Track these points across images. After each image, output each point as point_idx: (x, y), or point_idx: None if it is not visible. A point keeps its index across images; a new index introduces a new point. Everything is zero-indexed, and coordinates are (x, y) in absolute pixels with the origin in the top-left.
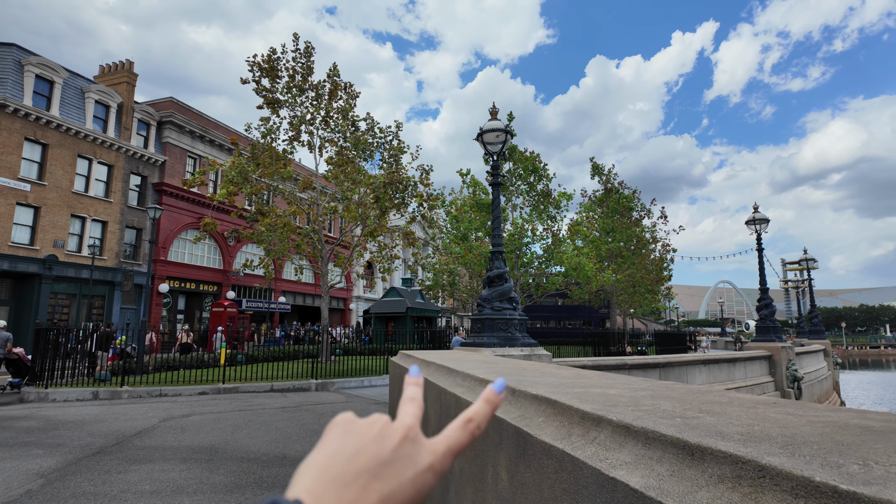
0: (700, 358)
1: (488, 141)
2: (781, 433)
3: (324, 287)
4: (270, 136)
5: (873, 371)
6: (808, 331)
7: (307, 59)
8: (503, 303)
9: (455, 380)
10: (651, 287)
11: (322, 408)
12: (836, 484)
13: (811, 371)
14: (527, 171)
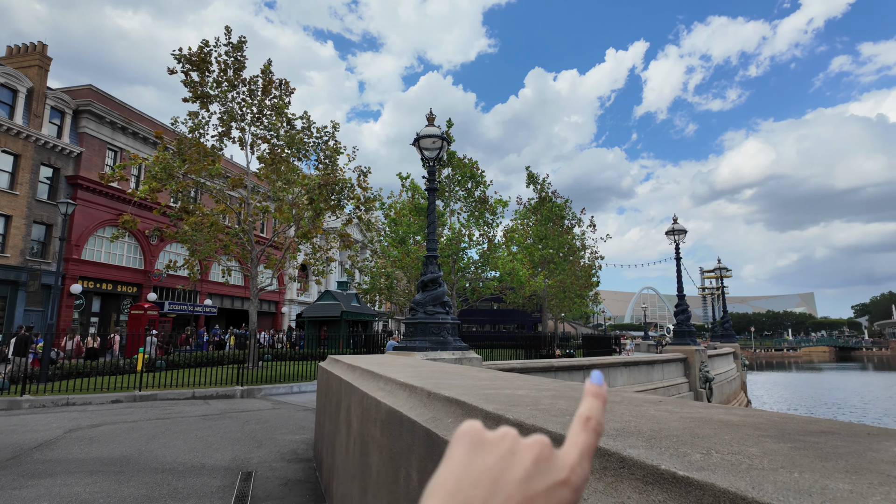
0: (622, 360)
1: (425, 147)
2: (651, 428)
3: (253, 289)
4: (199, 131)
5: (777, 372)
6: (721, 335)
7: (239, 53)
8: (436, 307)
9: (377, 384)
10: (580, 292)
11: (247, 415)
12: (675, 470)
13: (722, 372)
14: (465, 178)
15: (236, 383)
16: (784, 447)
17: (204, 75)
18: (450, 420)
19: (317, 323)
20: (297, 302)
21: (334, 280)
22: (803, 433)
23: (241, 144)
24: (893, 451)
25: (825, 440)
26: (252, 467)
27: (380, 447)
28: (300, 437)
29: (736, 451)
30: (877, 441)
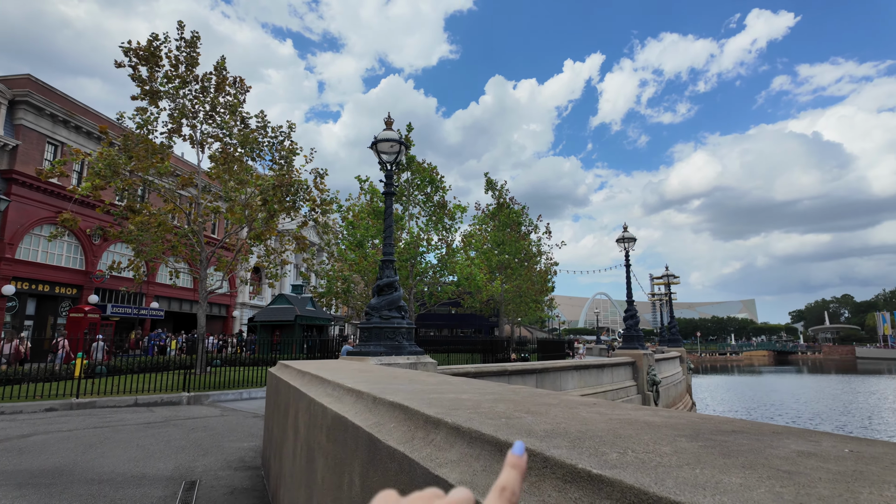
0: (573, 364)
1: (382, 150)
2: (579, 429)
3: (201, 292)
4: (147, 127)
5: (721, 375)
6: (668, 339)
7: (192, 48)
8: (392, 311)
9: (325, 389)
10: (536, 297)
11: (193, 422)
12: (591, 469)
13: (668, 376)
14: (424, 182)
15: (182, 390)
16: (694, 446)
17: (153, 70)
18: (392, 425)
19: (269, 327)
20: (250, 306)
21: (289, 283)
22: (716, 432)
23: (192, 142)
24: (790, 448)
25: (733, 439)
26: (196, 476)
27: (325, 453)
28: (248, 445)
29: (650, 450)
30: (778, 439)
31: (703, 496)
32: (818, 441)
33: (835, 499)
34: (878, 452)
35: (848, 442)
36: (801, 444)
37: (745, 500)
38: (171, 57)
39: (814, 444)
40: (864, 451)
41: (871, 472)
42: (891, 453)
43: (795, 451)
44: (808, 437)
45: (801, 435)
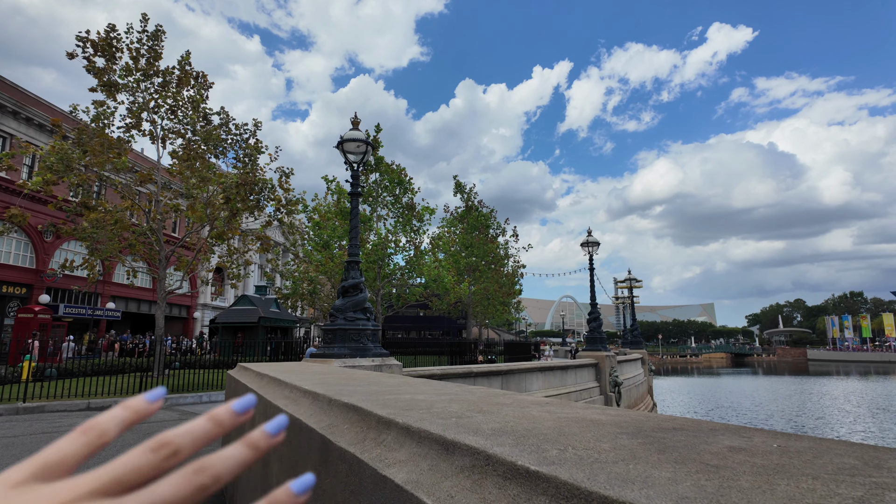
0: (538, 366)
1: (349, 150)
2: (526, 427)
3: (160, 292)
4: (104, 121)
5: (681, 377)
6: (630, 341)
7: (156, 42)
8: (357, 313)
9: (283, 392)
10: (504, 300)
11: (149, 426)
12: (529, 466)
13: (630, 377)
14: (393, 184)
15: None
16: (634, 442)
17: (111, 62)
18: (346, 426)
19: (232, 329)
20: (211, 307)
21: (252, 284)
22: (657, 430)
23: (153, 138)
24: (723, 444)
25: (671, 436)
26: None
27: (280, 457)
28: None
29: (590, 447)
30: (713, 435)
31: (631, 490)
32: (750, 437)
33: (753, 490)
34: (803, 447)
35: (778, 437)
36: (734, 439)
37: (670, 493)
38: (131, 49)
39: (746, 439)
40: (791, 445)
41: (792, 466)
42: (814, 447)
43: (727, 446)
44: (741, 434)
45: (735, 431)
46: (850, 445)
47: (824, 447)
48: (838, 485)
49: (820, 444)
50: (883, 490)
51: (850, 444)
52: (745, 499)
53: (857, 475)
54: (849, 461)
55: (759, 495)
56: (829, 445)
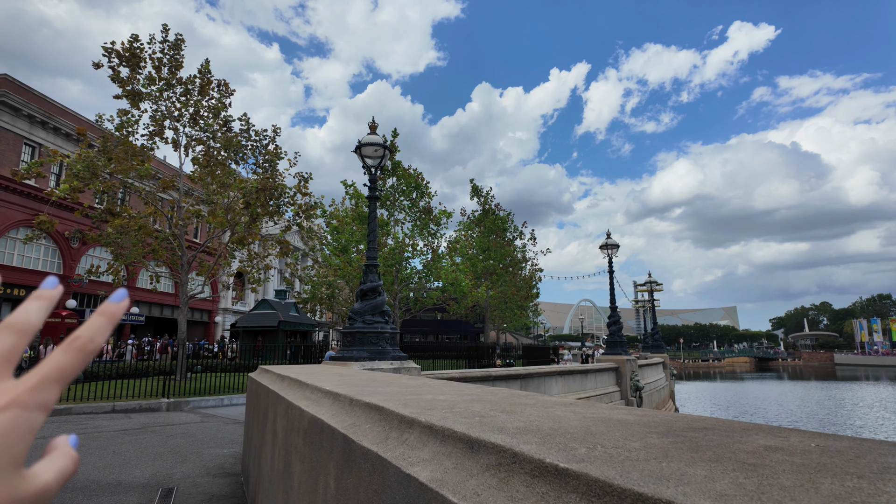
0: (557, 370)
1: (366, 154)
2: (552, 427)
3: (182, 297)
4: (127, 129)
5: (703, 382)
6: (651, 345)
7: (176, 51)
8: (375, 316)
9: (304, 393)
10: (521, 303)
11: (171, 429)
12: (557, 463)
13: (651, 381)
14: (409, 188)
15: (162, 396)
16: (664, 441)
17: (135, 72)
18: (368, 426)
19: (252, 333)
20: (232, 311)
21: (272, 289)
22: (687, 429)
23: (175, 145)
24: (758, 443)
25: (703, 435)
26: (174, 483)
27: (301, 457)
28: (228, 451)
29: (620, 446)
30: (747, 435)
31: (667, 487)
32: (786, 437)
33: (796, 489)
34: (844, 447)
35: (815, 437)
36: (769, 439)
37: (708, 490)
38: (154, 59)
39: (782, 439)
40: (830, 445)
41: (834, 465)
42: (856, 447)
43: (763, 445)
44: (776, 433)
45: (770, 431)
46: (893, 445)
47: (866, 447)
48: (885, 483)
49: (861, 443)
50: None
51: (893, 444)
52: (789, 496)
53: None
54: (893, 460)
55: (803, 493)
56: (870, 445)
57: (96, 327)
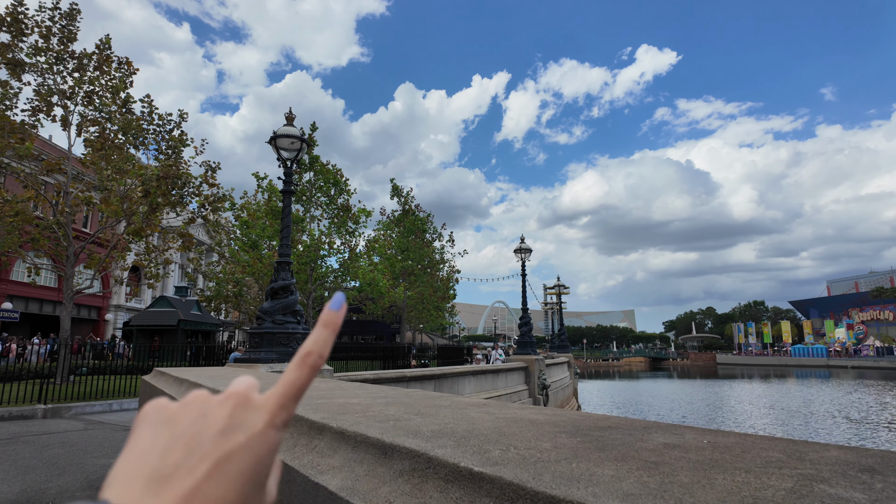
0: (470, 370)
1: (282, 146)
2: (466, 429)
3: (66, 292)
4: (5, 102)
5: (604, 380)
6: (558, 345)
7: (70, 21)
8: (286, 316)
9: None
10: (438, 304)
11: (48, 438)
12: (472, 467)
13: (557, 380)
14: (328, 184)
15: (38, 401)
16: (573, 441)
17: (17, 38)
18: None
19: (148, 332)
20: (126, 308)
21: (172, 285)
22: (593, 428)
23: (65, 124)
24: (657, 441)
25: (608, 434)
26: (49, 499)
27: None
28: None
29: (532, 447)
30: (648, 433)
31: (577, 488)
32: (682, 434)
33: (694, 485)
34: (731, 442)
35: (706, 434)
36: (667, 436)
37: (615, 490)
38: (41, 27)
39: (678, 436)
40: (720, 441)
41: (724, 461)
42: (741, 443)
43: (662, 443)
44: (673, 431)
45: (667, 429)
46: (772, 440)
47: (750, 442)
48: (769, 477)
49: (745, 439)
50: (810, 481)
51: (772, 439)
52: (688, 493)
53: (783, 468)
54: (774, 455)
55: (700, 490)
56: (753, 440)
57: (323, 340)
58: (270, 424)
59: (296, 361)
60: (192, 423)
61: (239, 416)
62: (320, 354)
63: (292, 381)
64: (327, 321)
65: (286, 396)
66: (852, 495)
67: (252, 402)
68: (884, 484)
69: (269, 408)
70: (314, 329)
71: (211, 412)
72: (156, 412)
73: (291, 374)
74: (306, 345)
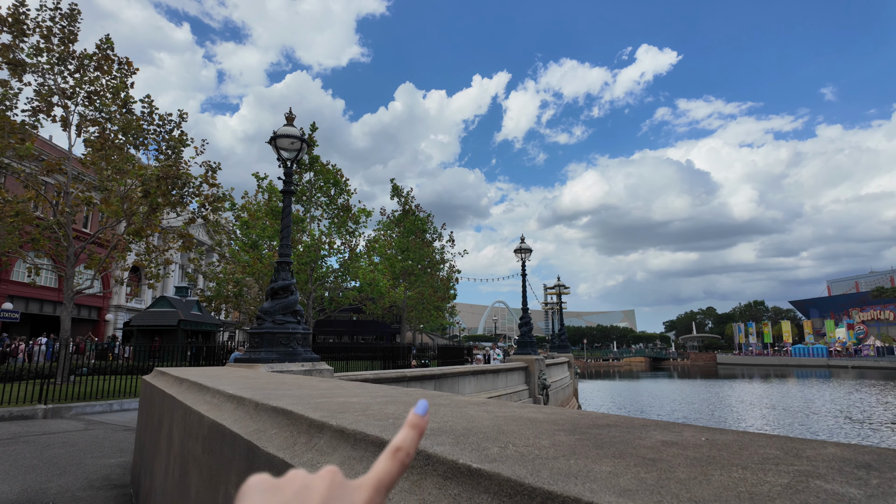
0: (470, 369)
1: (282, 147)
2: (465, 427)
3: (66, 292)
4: (5, 103)
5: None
6: (558, 345)
7: (71, 22)
8: (286, 316)
9: (204, 397)
10: (438, 304)
11: (49, 438)
12: (471, 464)
13: (557, 380)
14: (328, 184)
15: (39, 401)
16: (572, 439)
17: (20, 39)
18: (274, 431)
19: (148, 332)
20: (126, 308)
21: (172, 285)
22: (592, 427)
23: (65, 125)
24: (656, 438)
25: (606, 431)
26: (49, 499)
27: (200, 465)
28: (116, 461)
29: (531, 444)
30: (646, 430)
31: (575, 484)
32: (680, 431)
33: (691, 481)
34: (729, 440)
35: (705, 432)
36: (666, 434)
37: (613, 486)
38: (42, 27)
39: (676, 434)
40: (718, 439)
41: (722, 457)
42: (739, 440)
43: (660, 440)
44: (671, 429)
45: (665, 427)
46: (770, 437)
47: (748, 439)
48: (766, 473)
49: (743, 436)
50: (807, 477)
51: (770, 437)
52: (685, 489)
53: (780, 464)
54: (772, 451)
55: (697, 486)
56: (751, 438)
57: (411, 439)
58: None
59: (386, 454)
60: (297, 493)
61: (338, 491)
62: (408, 452)
63: (385, 471)
64: (414, 424)
65: (381, 484)
66: (848, 491)
67: (347, 482)
68: (879, 480)
69: (367, 488)
70: (402, 429)
71: (312, 485)
72: (260, 483)
73: (383, 465)
74: (395, 441)
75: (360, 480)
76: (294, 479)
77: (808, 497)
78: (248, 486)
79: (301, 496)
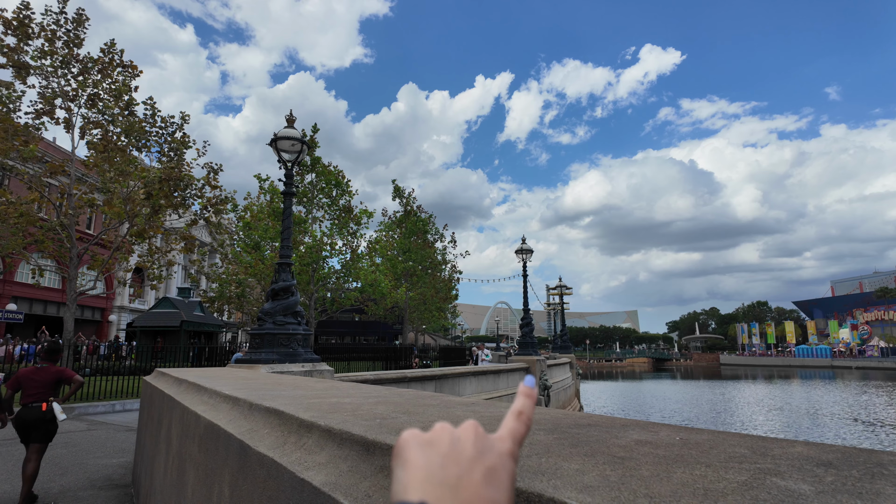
0: (471, 370)
1: (282, 148)
2: None
3: (70, 293)
4: (9, 105)
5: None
6: (560, 346)
7: (77, 26)
8: (287, 317)
9: (201, 397)
10: (440, 305)
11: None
12: None
13: (559, 380)
14: (329, 185)
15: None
16: (549, 438)
17: (25, 42)
18: (266, 431)
19: (151, 333)
20: (130, 309)
21: (175, 286)
22: (573, 426)
23: (68, 127)
24: (631, 438)
25: (585, 431)
26: (51, 498)
27: (196, 464)
28: (117, 461)
29: None
30: (624, 430)
31: (540, 482)
32: (657, 431)
33: (652, 478)
34: (703, 439)
35: (681, 431)
36: (643, 433)
37: (576, 483)
38: (47, 30)
39: (652, 433)
40: (692, 438)
41: (690, 456)
42: (712, 439)
43: (635, 440)
44: (649, 428)
45: (645, 427)
46: (743, 437)
47: (721, 439)
48: (727, 471)
49: (718, 436)
50: (765, 475)
51: (743, 436)
52: (644, 486)
53: (744, 462)
54: (740, 450)
55: (657, 482)
56: (725, 437)
57: (529, 406)
58: (511, 453)
59: (512, 416)
60: (451, 445)
61: (483, 443)
62: (528, 416)
63: (516, 428)
64: (527, 393)
65: (516, 436)
66: (800, 487)
67: (488, 435)
68: (835, 477)
69: (507, 439)
70: (517, 397)
71: (462, 437)
72: (414, 437)
73: (511, 424)
74: (516, 406)
75: (499, 434)
76: (443, 433)
77: (759, 493)
78: (404, 440)
79: (456, 448)
